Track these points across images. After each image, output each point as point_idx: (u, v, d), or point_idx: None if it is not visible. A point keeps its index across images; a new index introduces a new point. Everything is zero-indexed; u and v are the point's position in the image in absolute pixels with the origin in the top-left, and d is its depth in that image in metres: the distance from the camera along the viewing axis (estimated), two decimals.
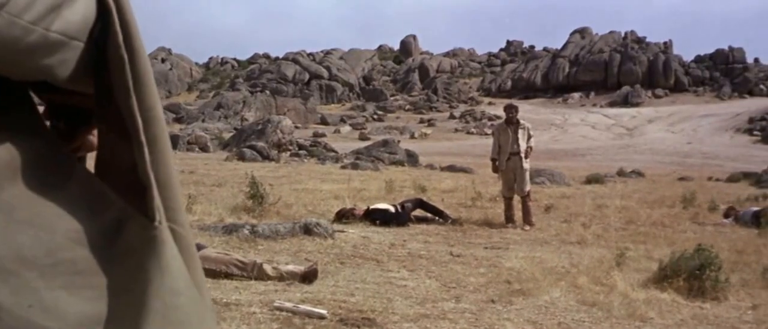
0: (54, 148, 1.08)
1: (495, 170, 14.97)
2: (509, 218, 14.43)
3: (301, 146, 42.85)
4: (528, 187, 14.70)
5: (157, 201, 1.07)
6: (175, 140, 37.70)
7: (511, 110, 14.87)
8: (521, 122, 14.66)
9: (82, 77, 1.07)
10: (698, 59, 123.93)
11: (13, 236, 0.95)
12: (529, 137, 14.65)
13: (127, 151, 1.07)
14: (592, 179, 29.84)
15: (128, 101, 1.05)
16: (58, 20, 0.97)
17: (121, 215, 1.07)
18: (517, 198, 14.65)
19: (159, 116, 1.11)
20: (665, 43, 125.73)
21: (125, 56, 1.05)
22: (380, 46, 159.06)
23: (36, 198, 1.00)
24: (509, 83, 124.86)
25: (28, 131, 1.03)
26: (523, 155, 14.40)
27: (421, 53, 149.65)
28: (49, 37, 0.97)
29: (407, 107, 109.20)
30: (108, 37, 1.05)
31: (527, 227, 14.11)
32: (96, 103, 1.10)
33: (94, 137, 1.21)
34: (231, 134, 49.15)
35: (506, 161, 14.46)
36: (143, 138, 1.06)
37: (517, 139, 14.39)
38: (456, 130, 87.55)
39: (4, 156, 0.98)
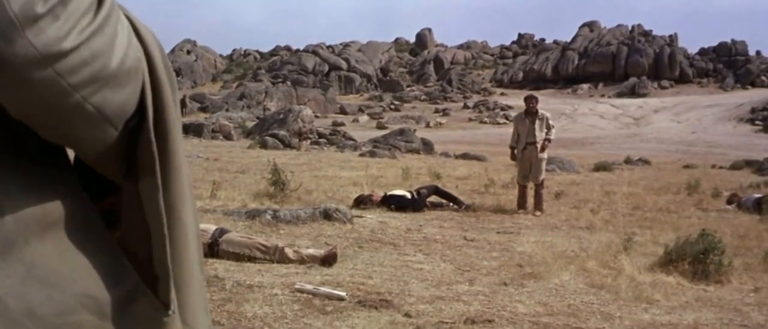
0: (84, 208, 1.07)
1: (513, 157, 15.08)
2: (522, 205, 14.58)
3: (321, 135, 42.66)
4: (542, 176, 14.84)
5: (173, 293, 1.09)
6: (200, 129, 37.69)
7: (530, 100, 14.92)
8: (540, 112, 14.73)
9: (110, 162, 1.09)
10: (702, 52, 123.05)
11: (28, 292, 0.96)
12: (549, 127, 14.69)
13: (148, 237, 1.09)
14: (601, 167, 29.74)
15: (154, 203, 1.08)
16: (98, 95, 0.97)
17: (134, 289, 1.09)
18: (530, 185, 14.80)
19: (185, 220, 1.13)
20: (671, 36, 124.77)
21: (157, 160, 1.06)
22: (397, 39, 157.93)
23: (58, 257, 1.00)
24: (521, 75, 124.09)
25: (61, 189, 1.04)
26: (539, 145, 14.51)
27: (436, 46, 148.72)
28: (86, 108, 0.96)
29: (423, 97, 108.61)
30: (141, 134, 1.06)
31: (538, 213, 14.24)
32: (124, 185, 1.11)
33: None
34: (254, 122, 48.86)
35: (522, 150, 14.59)
36: (166, 235, 1.08)
37: (535, 129, 14.48)
38: (470, 119, 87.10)
39: (37, 212, 0.99)
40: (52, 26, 0.89)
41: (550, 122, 14.81)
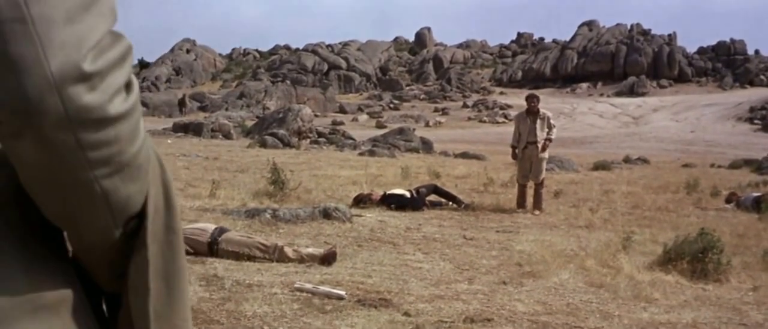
0: (78, 298, 1.06)
1: (514, 156, 15.09)
2: (521, 204, 14.60)
3: (320, 134, 42.62)
4: (542, 175, 14.88)
5: None
6: (199, 128, 37.57)
7: (532, 99, 14.93)
8: (541, 111, 14.75)
9: (100, 263, 1.10)
10: (701, 51, 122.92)
11: None
12: (550, 127, 14.71)
13: None
14: (600, 166, 29.79)
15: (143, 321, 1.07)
16: (109, 180, 0.97)
17: None
18: (530, 184, 14.81)
19: None
20: (669, 35, 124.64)
21: (149, 280, 1.06)
22: (396, 38, 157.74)
23: None
24: (520, 74, 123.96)
25: (59, 276, 1.05)
26: (540, 144, 14.53)
27: (436, 45, 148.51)
28: (94, 189, 0.96)
29: (422, 96, 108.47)
30: (137, 240, 1.07)
31: (537, 213, 14.27)
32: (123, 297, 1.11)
33: None
34: (253, 122, 48.85)
35: (523, 149, 14.61)
36: None
37: (536, 128, 14.49)
38: (469, 118, 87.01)
39: (32, 293, 0.99)
40: (87, 95, 0.89)
41: (552, 121, 14.83)
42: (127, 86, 0.96)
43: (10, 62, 0.86)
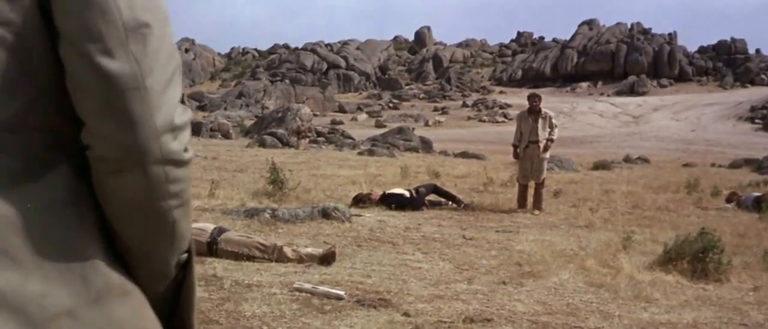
0: (142, 295, 1.41)
1: (516, 156, 15.04)
2: (522, 204, 14.57)
3: (319, 133, 42.70)
4: (543, 175, 14.87)
5: None
6: (198, 128, 37.74)
7: (534, 99, 14.92)
8: (543, 111, 14.74)
9: (157, 299, 1.44)
10: (702, 50, 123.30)
11: None
12: (552, 127, 14.70)
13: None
14: (600, 166, 29.83)
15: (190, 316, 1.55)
16: (178, 211, 1.35)
17: None
18: (530, 184, 14.79)
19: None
20: (670, 34, 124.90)
21: (194, 298, 1.54)
22: (395, 37, 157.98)
23: (130, 317, 1.33)
24: (520, 73, 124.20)
25: (128, 275, 1.37)
26: (541, 144, 14.51)
27: (435, 44, 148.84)
28: (168, 217, 1.35)
29: (421, 95, 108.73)
30: (186, 271, 1.49)
31: (537, 212, 14.26)
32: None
33: None
34: (252, 121, 48.95)
35: (525, 149, 14.60)
36: None
37: (538, 128, 14.48)
38: (468, 118, 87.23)
39: (119, 282, 1.32)
40: (173, 143, 1.27)
41: (553, 121, 14.82)
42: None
43: (130, 118, 1.22)
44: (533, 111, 14.70)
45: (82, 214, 1.30)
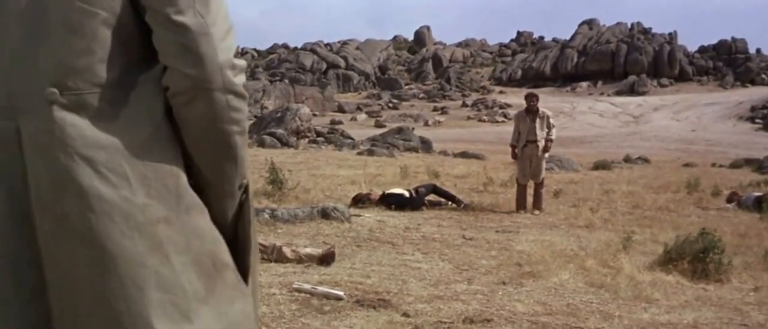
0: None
1: (514, 156, 15.02)
2: (521, 205, 14.52)
3: (318, 133, 42.61)
4: (542, 175, 14.87)
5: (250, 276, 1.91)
6: None
7: (531, 98, 14.91)
8: (541, 110, 14.73)
9: (225, 215, 1.88)
10: (702, 50, 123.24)
11: (190, 242, 1.73)
12: (550, 126, 14.70)
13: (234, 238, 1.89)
14: (600, 165, 29.80)
15: (248, 231, 1.92)
16: (239, 136, 1.80)
17: (230, 264, 1.83)
18: (530, 184, 14.77)
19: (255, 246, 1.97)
20: (670, 34, 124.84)
21: (252, 218, 1.95)
22: (395, 37, 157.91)
23: (203, 224, 1.78)
24: (520, 73, 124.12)
25: (196, 197, 1.80)
26: (539, 144, 14.50)
27: (435, 44, 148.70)
28: (231, 139, 1.79)
29: (421, 95, 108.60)
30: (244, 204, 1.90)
31: (536, 212, 14.26)
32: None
33: None
34: (251, 121, 48.94)
35: (523, 148, 14.58)
36: (253, 245, 1.94)
37: (536, 127, 14.46)
38: (468, 118, 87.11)
39: (198, 201, 1.78)
40: (233, 77, 1.73)
41: (551, 120, 14.81)
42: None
43: (199, 56, 1.66)
44: (531, 111, 14.69)
45: (171, 147, 1.74)
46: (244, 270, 1.85)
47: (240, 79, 1.75)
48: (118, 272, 1.58)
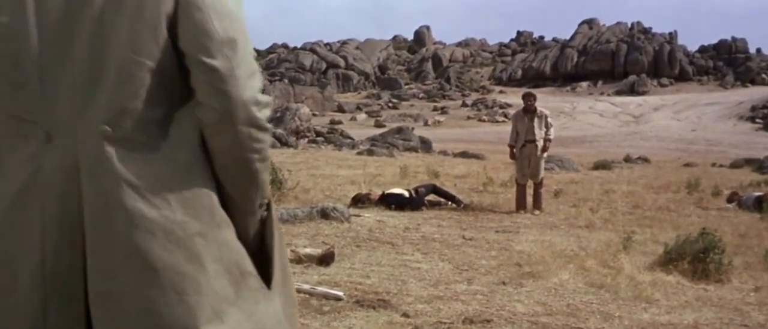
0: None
1: (512, 156, 15.02)
2: (520, 204, 14.51)
3: (318, 133, 42.59)
4: (542, 174, 14.86)
5: (274, 278, 2.08)
6: None
7: (528, 98, 14.93)
8: (539, 110, 14.73)
9: (250, 230, 2.11)
10: (702, 49, 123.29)
11: (223, 255, 1.97)
12: (548, 126, 14.68)
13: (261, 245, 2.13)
14: (600, 165, 29.83)
15: (272, 242, 2.13)
16: (260, 164, 2.04)
17: (254, 271, 2.05)
18: (529, 184, 14.76)
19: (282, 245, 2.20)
20: (670, 33, 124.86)
21: (275, 232, 2.15)
22: (395, 37, 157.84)
23: (232, 240, 2.01)
24: (520, 73, 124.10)
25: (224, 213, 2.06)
26: (538, 143, 14.49)
27: (434, 43, 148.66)
28: (252, 167, 2.02)
29: (421, 95, 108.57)
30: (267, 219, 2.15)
31: (537, 212, 14.25)
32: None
33: None
34: None
35: (521, 148, 14.57)
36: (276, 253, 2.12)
37: (534, 127, 14.46)
38: (468, 117, 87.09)
39: (225, 216, 2.02)
40: (257, 112, 1.97)
41: (549, 120, 14.80)
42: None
43: (226, 94, 1.92)
44: (529, 110, 14.70)
45: (206, 171, 1.99)
46: (267, 278, 2.07)
47: (264, 114, 1.99)
48: (160, 281, 1.88)
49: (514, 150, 14.77)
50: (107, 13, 1.87)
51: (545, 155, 15.02)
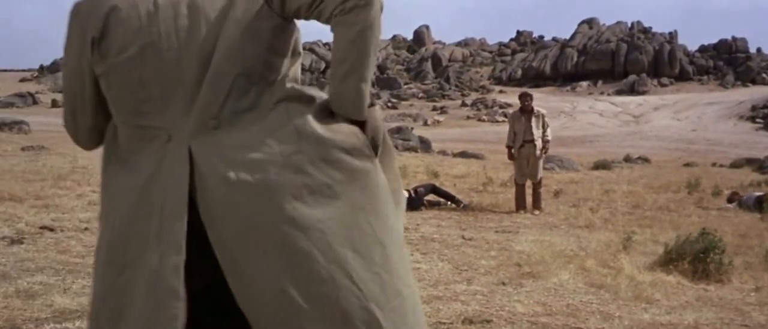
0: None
1: (510, 156, 15.02)
2: (520, 204, 14.52)
3: None
4: (540, 174, 14.84)
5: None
6: None
7: (525, 98, 14.92)
8: (536, 110, 14.73)
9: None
10: (702, 49, 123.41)
11: (354, 215, 2.40)
12: (545, 126, 14.68)
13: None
14: (600, 165, 29.82)
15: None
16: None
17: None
18: (528, 184, 14.75)
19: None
20: (670, 33, 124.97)
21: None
22: (394, 36, 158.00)
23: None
24: (519, 72, 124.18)
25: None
26: (536, 143, 14.49)
27: (434, 43, 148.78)
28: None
29: (420, 95, 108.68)
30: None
31: (536, 212, 14.25)
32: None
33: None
34: None
35: (520, 148, 14.57)
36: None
37: (531, 127, 14.47)
38: (468, 117, 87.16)
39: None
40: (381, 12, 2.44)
41: (546, 119, 14.79)
42: None
43: None
44: (525, 110, 14.69)
45: (317, 157, 2.39)
46: (375, 146, 2.55)
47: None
48: (284, 241, 2.32)
49: (513, 150, 14.77)
50: (207, 41, 2.40)
51: (544, 155, 15.02)
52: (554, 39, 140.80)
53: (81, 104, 2.59)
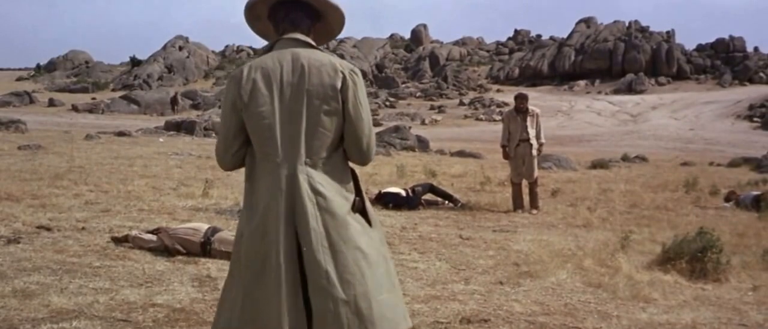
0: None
1: (505, 156, 15.01)
2: (517, 203, 14.51)
3: None
4: (536, 173, 14.83)
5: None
6: (192, 127, 37.23)
7: (520, 98, 14.90)
8: (530, 109, 14.71)
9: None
10: (700, 48, 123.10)
11: (351, 237, 3.77)
12: (539, 126, 14.65)
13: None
14: (598, 164, 29.77)
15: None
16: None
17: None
18: (524, 183, 14.75)
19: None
20: (668, 32, 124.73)
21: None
22: (392, 35, 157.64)
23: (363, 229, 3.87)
24: (517, 71, 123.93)
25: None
26: (532, 142, 14.51)
27: (431, 42, 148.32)
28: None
29: (418, 94, 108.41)
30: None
31: (534, 212, 14.23)
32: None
33: None
34: None
35: (515, 148, 14.57)
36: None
37: (526, 126, 14.46)
38: (465, 116, 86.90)
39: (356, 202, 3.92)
40: (374, 148, 4.04)
41: (539, 119, 14.79)
42: None
43: (368, 150, 3.99)
44: (520, 110, 14.69)
45: (345, 170, 3.87)
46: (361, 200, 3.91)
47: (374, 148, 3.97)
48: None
49: (508, 150, 14.76)
50: (309, 104, 3.74)
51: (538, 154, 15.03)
52: (552, 38, 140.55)
53: (231, 136, 3.85)
